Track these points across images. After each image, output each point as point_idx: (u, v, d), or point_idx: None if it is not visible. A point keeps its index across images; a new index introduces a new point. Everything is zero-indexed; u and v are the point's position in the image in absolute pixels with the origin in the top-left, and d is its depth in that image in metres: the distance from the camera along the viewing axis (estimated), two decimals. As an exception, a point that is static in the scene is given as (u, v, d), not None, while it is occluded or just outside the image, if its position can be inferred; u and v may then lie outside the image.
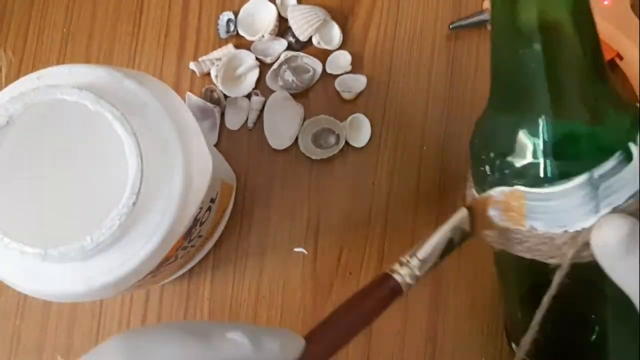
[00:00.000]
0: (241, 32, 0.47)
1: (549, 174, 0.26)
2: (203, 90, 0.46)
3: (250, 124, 0.46)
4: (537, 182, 0.26)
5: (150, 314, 0.44)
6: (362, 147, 0.44)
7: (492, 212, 0.29)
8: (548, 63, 0.26)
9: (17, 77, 0.49)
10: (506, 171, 0.27)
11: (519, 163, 0.27)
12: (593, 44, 0.27)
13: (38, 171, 0.31)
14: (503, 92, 0.28)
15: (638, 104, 0.43)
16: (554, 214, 0.27)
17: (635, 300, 0.25)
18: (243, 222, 0.45)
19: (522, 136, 0.27)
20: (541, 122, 0.26)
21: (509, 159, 0.27)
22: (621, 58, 0.42)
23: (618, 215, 0.25)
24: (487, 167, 0.28)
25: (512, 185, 0.27)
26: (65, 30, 0.49)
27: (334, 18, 0.47)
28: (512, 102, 0.28)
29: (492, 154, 0.28)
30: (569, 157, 0.26)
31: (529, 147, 0.27)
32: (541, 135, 0.26)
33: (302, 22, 0.45)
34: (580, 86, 0.27)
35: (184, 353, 0.24)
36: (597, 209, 0.26)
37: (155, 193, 0.29)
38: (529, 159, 0.27)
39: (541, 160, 0.26)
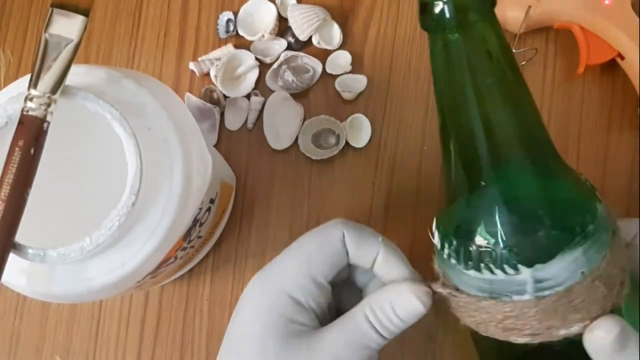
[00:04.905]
0: (241, 32, 0.47)
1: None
2: (202, 90, 0.46)
3: (249, 124, 0.46)
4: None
5: (149, 315, 0.44)
6: (362, 147, 0.44)
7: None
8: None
9: (16, 77, 0.49)
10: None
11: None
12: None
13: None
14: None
15: (639, 104, 0.42)
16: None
17: None
18: (243, 222, 0.45)
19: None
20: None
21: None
22: (622, 58, 0.42)
23: (609, 317, 0.27)
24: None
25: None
26: (64, 30, 0.49)
27: (334, 18, 0.46)
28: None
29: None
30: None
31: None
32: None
33: (302, 22, 0.45)
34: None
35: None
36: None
37: (154, 193, 0.29)
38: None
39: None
